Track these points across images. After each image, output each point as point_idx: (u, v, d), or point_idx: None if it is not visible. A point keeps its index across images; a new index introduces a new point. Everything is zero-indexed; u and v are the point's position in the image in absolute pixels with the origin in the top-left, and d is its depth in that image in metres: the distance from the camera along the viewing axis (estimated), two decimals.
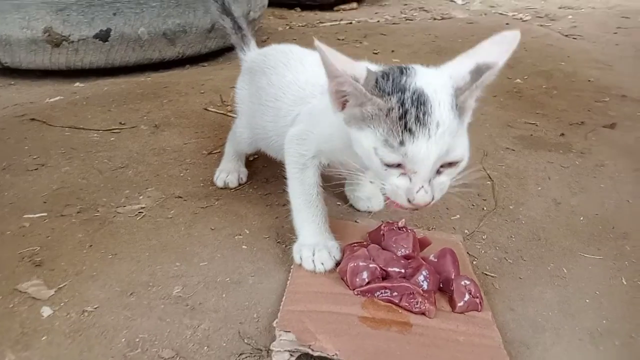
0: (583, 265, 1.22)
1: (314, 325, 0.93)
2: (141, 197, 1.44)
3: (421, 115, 0.83)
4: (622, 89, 2.29)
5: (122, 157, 1.67)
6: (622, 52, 2.87)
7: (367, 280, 1.02)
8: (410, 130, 0.84)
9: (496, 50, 0.88)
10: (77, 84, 2.41)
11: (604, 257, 1.25)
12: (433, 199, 0.88)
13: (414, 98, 0.85)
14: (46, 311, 1.01)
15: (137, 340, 0.95)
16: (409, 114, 0.84)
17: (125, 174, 1.57)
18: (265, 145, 1.40)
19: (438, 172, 0.89)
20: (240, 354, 0.93)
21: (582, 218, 1.40)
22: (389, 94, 0.86)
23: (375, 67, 0.97)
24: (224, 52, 2.96)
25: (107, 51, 2.47)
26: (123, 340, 0.95)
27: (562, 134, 1.86)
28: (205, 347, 0.95)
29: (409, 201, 0.88)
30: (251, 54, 1.50)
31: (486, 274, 1.19)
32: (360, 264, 1.03)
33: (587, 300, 1.11)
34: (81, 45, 2.40)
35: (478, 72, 0.87)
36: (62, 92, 2.27)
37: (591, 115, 2.02)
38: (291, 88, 1.24)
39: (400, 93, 0.86)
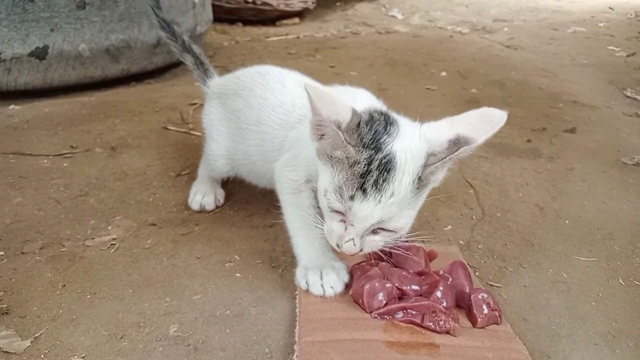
0: (580, 269, 1.23)
1: (340, 356, 0.85)
2: (110, 227, 1.30)
3: (380, 181, 0.85)
4: (571, 95, 2.40)
5: (80, 183, 1.51)
6: (561, 61, 3.02)
7: (384, 301, 0.96)
8: (364, 191, 0.85)
9: (480, 127, 0.88)
10: (12, 106, 2.19)
11: (597, 258, 1.27)
12: (361, 250, 0.92)
13: (382, 161, 0.85)
14: None
15: None
16: (371, 175, 0.85)
17: (87, 202, 1.42)
18: (247, 171, 1.32)
19: (375, 231, 0.91)
20: None
21: (567, 221, 1.42)
22: (363, 147, 0.86)
23: (365, 104, 0.97)
24: (170, 68, 2.82)
25: (44, 70, 2.26)
26: None
27: (529, 140, 1.90)
28: None
29: (337, 246, 0.92)
30: (216, 81, 1.43)
31: (491, 285, 1.16)
32: (376, 284, 0.97)
33: (593, 304, 1.12)
34: (14, 64, 2.18)
35: (457, 144, 0.87)
36: None
37: (550, 121, 2.09)
38: (277, 111, 1.19)
39: (373, 151, 0.86)
